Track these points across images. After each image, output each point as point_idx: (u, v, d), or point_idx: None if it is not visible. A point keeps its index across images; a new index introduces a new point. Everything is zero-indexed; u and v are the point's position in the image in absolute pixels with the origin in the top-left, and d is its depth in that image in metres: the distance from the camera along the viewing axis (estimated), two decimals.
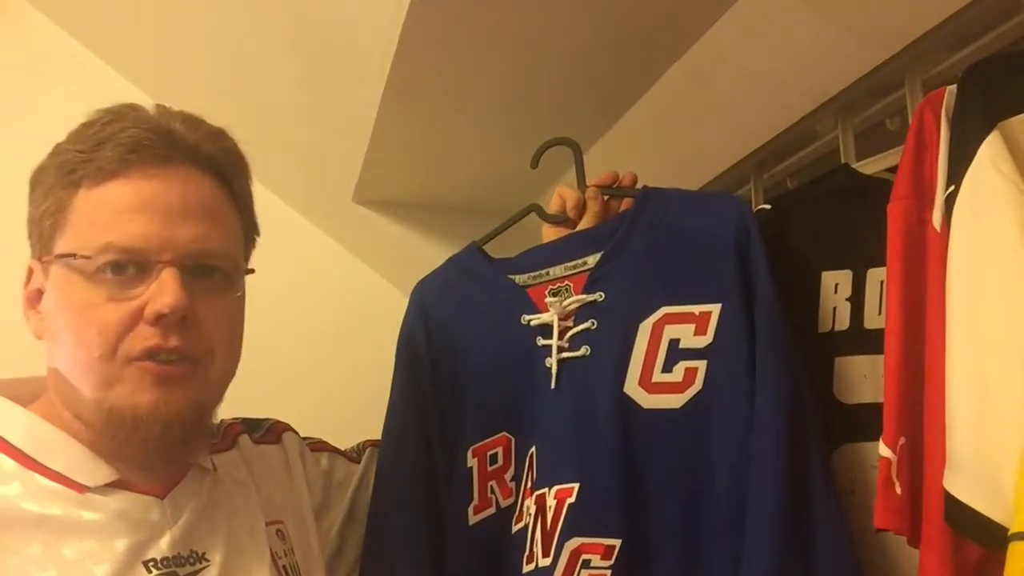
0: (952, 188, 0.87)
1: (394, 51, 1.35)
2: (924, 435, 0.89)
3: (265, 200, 2.18)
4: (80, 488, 0.71)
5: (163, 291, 0.72)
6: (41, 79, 2.10)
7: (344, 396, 1.94)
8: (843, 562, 0.95)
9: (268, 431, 1.04)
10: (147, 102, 2.11)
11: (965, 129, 0.88)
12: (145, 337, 0.72)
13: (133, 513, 0.73)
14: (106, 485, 0.73)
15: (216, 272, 0.78)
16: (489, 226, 1.38)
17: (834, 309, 1.15)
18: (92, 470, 0.73)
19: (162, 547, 0.73)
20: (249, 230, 0.90)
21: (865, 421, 1.04)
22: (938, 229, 0.90)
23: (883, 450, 0.92)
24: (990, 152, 0.83)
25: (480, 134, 1.74)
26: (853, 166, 1.28)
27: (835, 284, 1.15)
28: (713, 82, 1.44)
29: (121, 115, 0.80)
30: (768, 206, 1.28)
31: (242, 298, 0.85)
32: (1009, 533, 0.71)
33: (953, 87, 0.93)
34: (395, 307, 2.33)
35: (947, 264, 0.85)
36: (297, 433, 1.08)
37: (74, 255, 0.74)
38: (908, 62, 1.20)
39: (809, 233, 1.21)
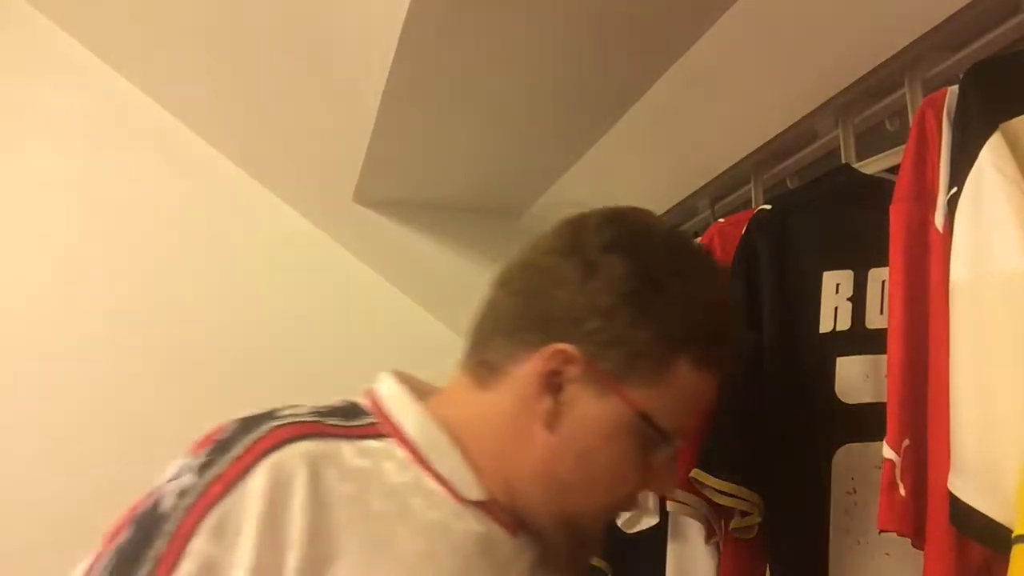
0: (954, 190, 0.86)
1: (394, 52, 1.35)
2: (928, 437, 0.89)
3: (265, 200, 2.22)
4: (458, 498, 0.72)
5: (673, 476, 0.79)
6: (41, 79, 2.10)
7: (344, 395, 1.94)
8: None
9: None
10: (147, 102, 2.15)
11: (967, 130, 0.87)
12: (633, 501, 0.78)
13: (490, 542, 0.73)
14: (478, 502, 0.73)
15: None
16: (489, 226, 1.39)
17: (835, 309, 1.14)
18: (470, 484, 0.73)
19: None
20: None
21: (867, 421, 1.04)
22: (940, 230, 0.89)
23: (887, 452, 0.91)
24: (992, 154, 0.82)
25: (480, 134, 1.74)
26: (854, 166, 1.28)
27: (836, 284, 1.15)
28: (713, 82, 1.44)
29: (728, 313, 0.83)
30: (768, 206, 1.28)
31: None
32: (1013, 535, 0.71)
33: (954, 88, 0.93)
34: (395, 306, 2.35)
35: (950, 266, 0.85)
36: None
37: (656, 424, 0.73)
38: (908, 62, 1.20)
39: (810, 233, 1.21)
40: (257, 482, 0.64)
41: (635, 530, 1.48)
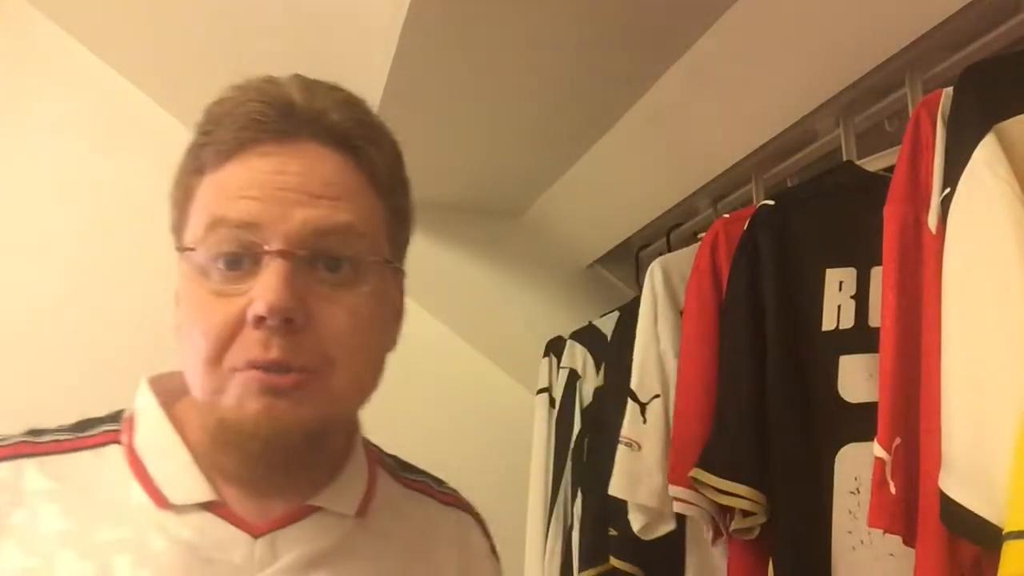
0: (948, 190, 0.87)
1: (394, 53, 1.35)
2: (920, 436, 0.89)
3: None
4: (163, 503, 0.64)
5: (265, 288, 0.60)
6: (41, 79, 2.10)
7: None
8: None
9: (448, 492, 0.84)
10: (147, 102, 2.15)
11: (961, 131, 0.87)
12: (248, 346, 0.61)
13: (205, 547, 0.63)
14: (197, 505, 0.64)
15: (341, 264, 0.65)
16: (489, 226, 1.38)
17: (838, 307, 1.14)
18: (187, 485, 0.65)
19: None
20: (396, 214, 0.74)
21: (869, 420, 1.03)
22: (934, 231, 0.90)
23: (877, 451, 0.92)
24: (986, 155, 0.82)
25: (479, 135, 1.74)
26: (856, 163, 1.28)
27: (839, 282, 1.15)
28: (713, 82, 1.44)
29: (244, 88, 0.69)
30: (771, 202, 1.28)
31: (379, 294, 0.70)
32: (1004, 532, 0.72)
33: (949, 90, 0.93)
34: None
35: (943, 266, 0.85)
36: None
37: (189, 248, 0.65)
38: (908, 62, 1.20)
39: (812, 230, 1.21)
40: None
41: (653, 536, 1.48)
